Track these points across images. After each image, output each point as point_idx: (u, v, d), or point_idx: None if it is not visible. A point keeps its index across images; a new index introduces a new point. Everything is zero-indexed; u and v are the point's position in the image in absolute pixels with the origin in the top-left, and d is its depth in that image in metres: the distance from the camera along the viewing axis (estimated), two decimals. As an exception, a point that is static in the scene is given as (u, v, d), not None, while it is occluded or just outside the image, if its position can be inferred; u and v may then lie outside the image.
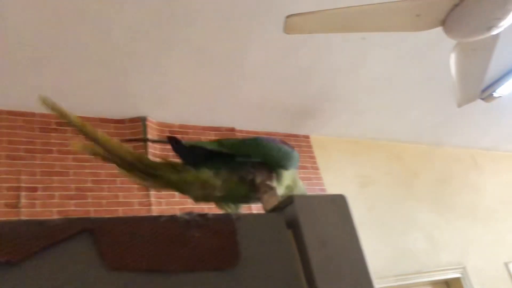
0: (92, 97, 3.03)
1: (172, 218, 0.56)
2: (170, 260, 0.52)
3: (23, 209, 2.70)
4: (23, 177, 2.79)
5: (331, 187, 3.90)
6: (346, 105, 3.78)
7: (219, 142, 0.81)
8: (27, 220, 0.50)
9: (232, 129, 3.73)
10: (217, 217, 0.59)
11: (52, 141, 3.00)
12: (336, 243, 0.65)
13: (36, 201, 2.77)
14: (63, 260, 0.47)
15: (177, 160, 0.82)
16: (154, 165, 0.75)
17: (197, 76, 3.01)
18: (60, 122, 3.02)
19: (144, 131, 3.26)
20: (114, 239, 0.51)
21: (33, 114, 3.02)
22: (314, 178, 3.93)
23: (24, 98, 2.89)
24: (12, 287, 0.43)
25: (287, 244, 0.62)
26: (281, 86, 3.32)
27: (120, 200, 3.04)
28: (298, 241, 0.63)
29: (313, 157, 4.06)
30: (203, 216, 0.58)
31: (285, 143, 0.87)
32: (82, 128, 0.75)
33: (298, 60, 3.05)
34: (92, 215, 2.90)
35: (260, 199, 0.79)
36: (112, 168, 2.66)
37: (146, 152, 3.19)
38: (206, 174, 0.76)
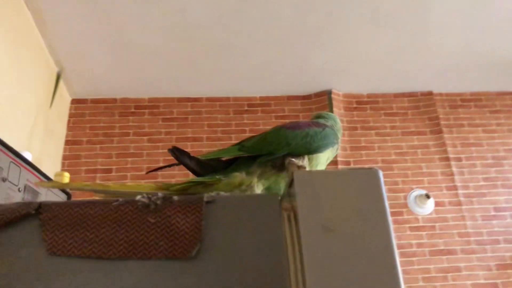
0: (276, 76, 3.12)
1: (127, 202, 0.51)
2: (115, 246, 0.48)
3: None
4: (99, 159, 3.03)
5: None
6: None
7: (240, 145, 0.76)
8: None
9: (430, 93, 3.34)
10: (184, 200, 0.51)
11: (245, 121, 3.22)
12: (346, 230, 0.49)
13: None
14: (11, 245, 0.48)
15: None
16: (181, 188, 0.68)
17: (378, 40, 2.77)
18: (250, 104, 3.21)
19: (330, 104, 3.20)
20: (59, 223, 0.50)
21: (227, 98, 3.29)
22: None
23: (217, 83, 3.17)
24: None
25: (276, 231, 0.50)
26: (485, 36, 2.78)
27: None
28: (291, 227, 0.50)
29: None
30: (166, 199, 0.51)
31: (315, 124, 0.78)
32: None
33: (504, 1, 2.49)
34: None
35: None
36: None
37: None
38: (237, 177, 0.69)
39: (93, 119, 3.14)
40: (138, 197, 0.51)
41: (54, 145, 2.88)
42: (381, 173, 0.53)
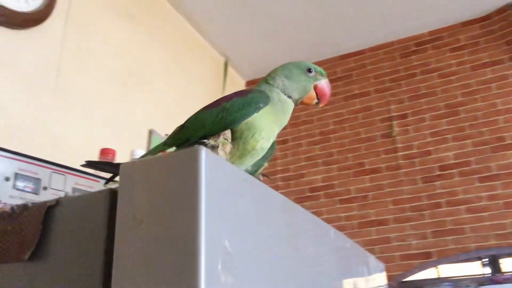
0: (443, 1, 2.71)
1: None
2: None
3: (397, 137, 2.80)
4: (392, 106, 2.88)
5: None
6: None
7: (164, 142, 0.74)
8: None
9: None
10: (36, 205, 0.55)
11: (414, 63, 2.91)
12: (153, 220, 0.46)
13: (408, 127, 2.80)
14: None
15: None
16: None
17: None
18: (418, 42, 2.90)
19: (517, 19, 2.60)
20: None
21: (391, 43, 3.03)
22: None
23: (377, 31, 2.95)
24: None
25: (97, 228, 0.49)
26: None
27: (499, 108, 2.59)
28: (110, 222, 0.48)
29: None
30: (24, 206, 0.56)
31: (239, 93, 0.72)
32: None
33: None
34: (467, 130, 2.64)
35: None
36: (484, 75, 2.44)
37: None
38: None
39: (266, 96, 3.34)
40: (3, 207, 0.58)
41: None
42: (203, 152, 0.47)
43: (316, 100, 0.77)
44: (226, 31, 2.89)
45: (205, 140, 0.65)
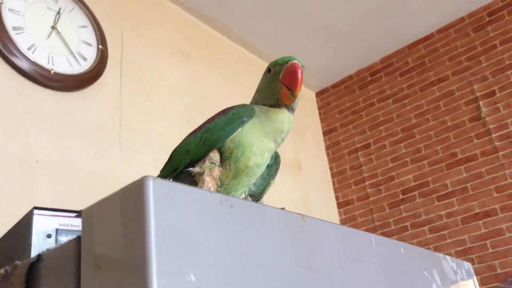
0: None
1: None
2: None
3: (487, 118, 2.53)
4: (475, 86, 2.62)
5: None
6: None
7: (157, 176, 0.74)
8: None
9: None
10: (21, 264, 0.56)
11: (492, 35, 2.64)
12: (110, 266, 0.45)
13: (498, 104, 2.52)
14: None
15: None
16: None
17: None
18: (491, 11, 2.64)
19: None
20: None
21: (462, 19, 2.78)
22: None
23: (442, 10, 2.73)
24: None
25: (69, 279, 0.48)
26: None
27: None
28: (77, 269, 0.47)
29: None
30: (15, 266, 0.57)
31: (221, 112, 0.70)
32: None
33: None
34: None
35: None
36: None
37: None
38: None
39: (338, 103, 3.24)
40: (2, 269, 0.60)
41: (312, 139, 3.13)
42: (150, 183, 0.44)
43: (289, 92, 0.69)
44: (282, 47, 2.87)
45: (190, 168, 0.62)
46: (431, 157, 2.69)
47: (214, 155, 0.63)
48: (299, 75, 0.66)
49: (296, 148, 2.92)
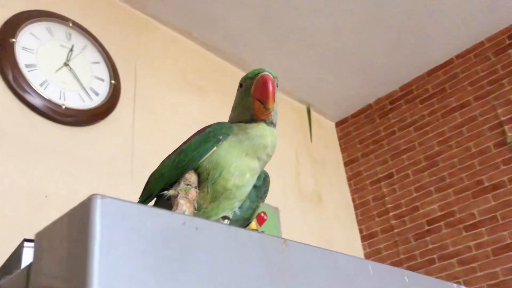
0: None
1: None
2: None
3: (514, 143, 2.43)
4: (499, 110, 2.53)
5: None
6: None
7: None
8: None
9: None
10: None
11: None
12: None
13: (525, 129, 2.42)
14: None
15: None
16: None
17: None
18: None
19: None
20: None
21: (482, 44, 2.72)
22: None
23: (460, 35, 2.69)
24: None
25: None
26: None
27: None
28: None
29: None
30: None
31: (197, 132, 0.67)
32: None
33: None
34: None
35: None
36: None
37: None
38: None
39: (359, 132, 3.18)
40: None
41: (333, 170, 3.06)
42: (98, 202, 0.42)
43: (262, 106, 0.65)
44: (298, 78, 2.87)
45: (165, 192, 0.59)
46: (456, 185, 2.58)
47: (190, 176, 0.60)
48: (270, 86, 0.63)
49: (316, 180, 2.85)
